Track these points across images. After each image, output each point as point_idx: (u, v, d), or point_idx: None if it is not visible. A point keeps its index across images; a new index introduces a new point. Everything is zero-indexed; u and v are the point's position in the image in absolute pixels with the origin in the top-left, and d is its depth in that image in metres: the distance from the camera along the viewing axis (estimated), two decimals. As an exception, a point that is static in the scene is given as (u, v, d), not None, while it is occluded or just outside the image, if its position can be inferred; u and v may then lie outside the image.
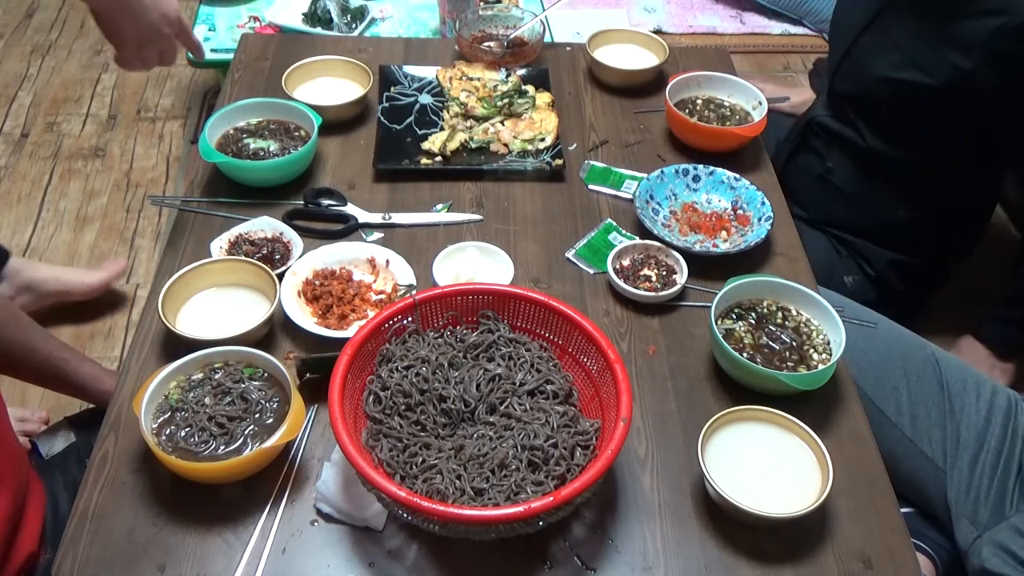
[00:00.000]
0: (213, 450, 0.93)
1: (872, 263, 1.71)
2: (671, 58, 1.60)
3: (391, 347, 0.99)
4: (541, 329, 1.02)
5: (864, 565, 0.92)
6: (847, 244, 1.72)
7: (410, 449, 0.92)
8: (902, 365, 1.31)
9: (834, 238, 1.74)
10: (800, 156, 1.77)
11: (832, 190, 1.70)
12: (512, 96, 1.48)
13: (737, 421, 0.99)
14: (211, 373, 1.00)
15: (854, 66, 1.61)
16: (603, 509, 0.96)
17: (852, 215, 1.70)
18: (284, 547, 0.91)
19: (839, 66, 1.65)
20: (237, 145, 1.33)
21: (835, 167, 1.69)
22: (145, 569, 0.88)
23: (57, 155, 2.41)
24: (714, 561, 0.92)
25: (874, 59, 1.56)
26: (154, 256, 2.14)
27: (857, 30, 1.59)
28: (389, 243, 1.25)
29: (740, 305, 1.14)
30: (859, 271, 1.72)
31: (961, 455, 1.27)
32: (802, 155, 1.77)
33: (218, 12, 2.26)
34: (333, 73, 1.51)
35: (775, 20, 3.02)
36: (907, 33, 1.51)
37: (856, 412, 1.07)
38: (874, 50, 1.57)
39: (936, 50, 1.46)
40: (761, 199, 1.29)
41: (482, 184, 1.36)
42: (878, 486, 1.00)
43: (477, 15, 1.65)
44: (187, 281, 1.12)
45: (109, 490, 0.94)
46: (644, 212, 1.28)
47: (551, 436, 0.91)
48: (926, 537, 1.33)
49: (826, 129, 1.69)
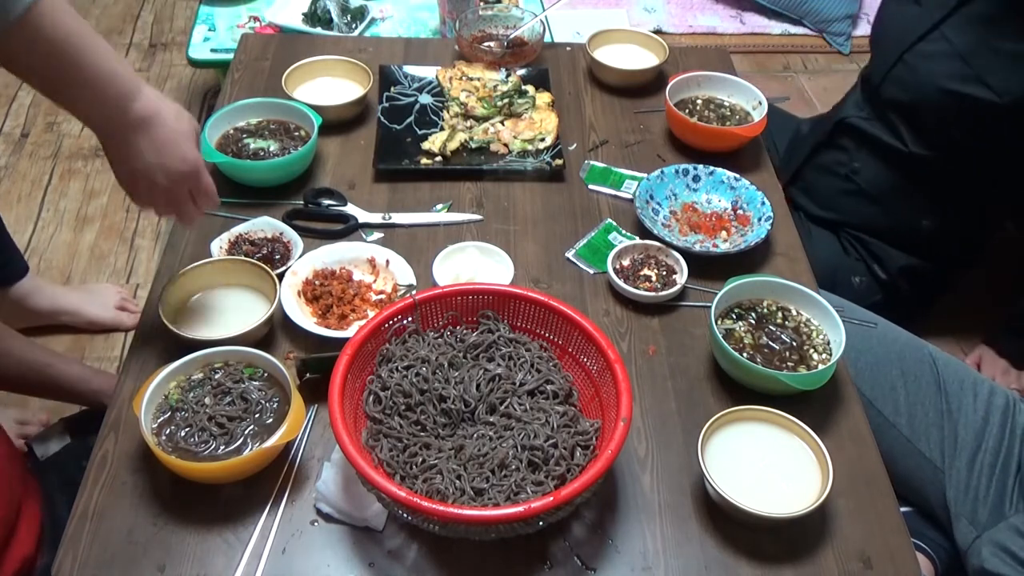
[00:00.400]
0: (213, 450, 0.93)
1: (885, 265, 1.70)
2: (671, 58, 1.60)
3: (391, 347, 0.99)
4: (541, 329, 1.02)
5: (864, 565, 0.92)
6: (861, 243, 1.71)
7: (410, 449, 0.92)
8: (899, 365, 1.31)
9: (845, 237, 1.73)
10: (825, 153, 1.75)
11: (854, 190, 1.69)
12: (512, 96, 1.48)
13: (737, 421, 0.99)
14: (211, 373, 1.00)
15: (908, 73, 1.56)
16: (603, 509, 0.96)
17: (872, 217, 1.69)
18: (284, 547, 0.91)
19: (888, 71, 1.60)
20: (237, 145, 1.33)
21: (862, 168, 1.67)
22: (145, 569, 0.88)
23: (57, 155, 2.41)
24: (714, 561, 0.92)
25: (933, 68, 1.52)
26: (154, 256, 2.13)
27: (914, 36, 1.55)
28: (389, 243, 1.25)
29: (740, 305, 1.14)
30: (867, 272, 1.71)
31: (959, 455, 1.27)
32: (827, 152, 1.74)
33: (218, 12, 2.26)
34: (333, 73, 1.51)
35: (775, 20, 3.02)
36: (975, 45, 1.46)
37: (856, 412, 1.07)
38: (934, 59, 1.52)
39: (1009, 68, 1.41)
40: (761, 199, 1.29)
41: (482, 184, 1.36)
42: (878, 486, 1.00)
43: (477, 15, 1.65)
44: (187, 281, 1.12)
45: (109, 490, 0.94)
46: (644, 212, 1.28)
47: (551, 436, 0.91)
48: (925, 537, 1.33)
49: (859, 130, 1.67)
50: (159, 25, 2.94)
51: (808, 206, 1.76)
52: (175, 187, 0.98)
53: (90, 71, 0.88)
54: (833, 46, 2.95)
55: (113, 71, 0.90)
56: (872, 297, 1.70)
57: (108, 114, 0.92)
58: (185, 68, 2.71)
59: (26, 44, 0.83)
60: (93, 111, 0.92)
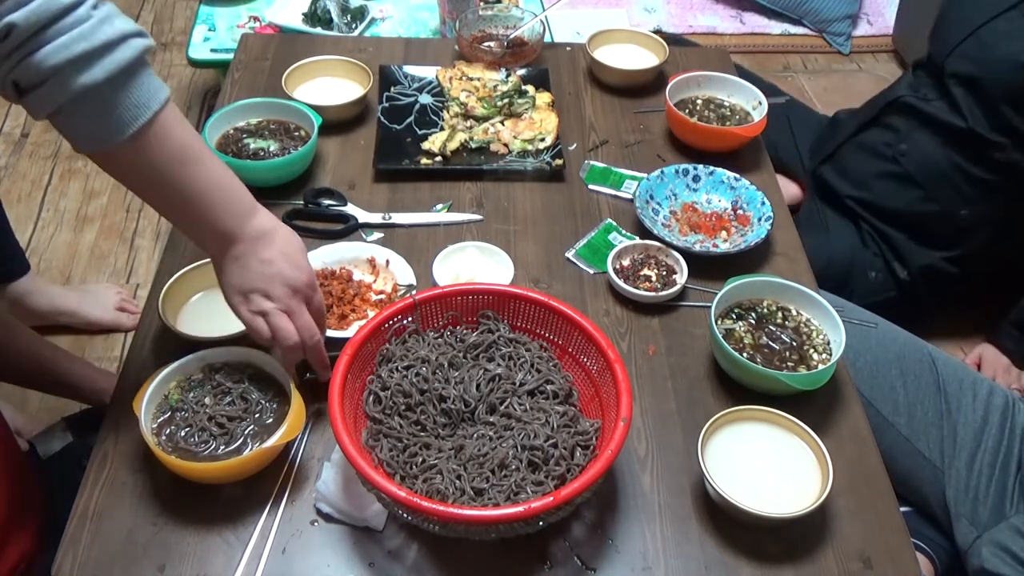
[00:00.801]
0: (213, 450, 0.93)
1: (907, 263, 1.70)
2: (671, 58, 1.60)
3: (391, 347, 0.99)
4: (541, 329, 1.02)
5: (864, 565, 0.92)
6: (884, 239, 1.71)
7: (410, 449, 0.92)
8: (898, 364, 1.31)
9: (867, 230, 1.73)
10: (870, 132, 1.75)
11: (897, 173, 1.69)
12: (512, 96, 1.48)
13: (737, 421, 0.99)
14: (211, 373, 1.00)
15: (981, 48, 1.59)
16: (603, 509, 0.96)
17: (910, 202, 1.68)
18: (284, 547, 0.91)
19: (957, 46, 1.62)
20: (237, 145, 1.33)
21: (910, 149, 1.67)
22: (145, 569, 0.88)
23: (57, 155, 2.41)
24: (714, 561, 0.92)
25: (1010, 44, 1.54)
26: (154, 256, 2.13)
27: (991, 12, 1.58)
28: (389, 243, 1.25)
29: (740, 305, 1.14)
30: (885, 268, 1.71)
31: (958, 454, 1.27)
32: (873, 131, 1.74)
33: (218, 12, 2.26)
34: (333, 73, 1.51)
35: (775, 20, 3.02)
36: None
37: (856, 412, 1.07)
38: (1010, 37, 1.55)
39: None
40: (761, 199, 1.29)
41: (482, 184, 1.36)
42: (878, 486, 1.00)
43: (477, 15, 1.65)
44: (187, 281, 1.12)
45: (109, 490, 0.94)
46: (644, 212, 1.28)
47: (551, 436, 0.91)
48: (925, 537, 1.33)
49: (913, 109, 1.67)
50: (159, 25, 2.94)
51: (840, 186, 1.76)
52: (291, 299, 0.93)
53: (203, 186, 0.87)
54: (833, 46, 2.95)
55: (233, 184, 0.91)
56: (885, 293, 1.70)
57: (228, 227, 0.90)
58: (185, 68, 2.71)
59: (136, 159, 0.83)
60: (206, 228, 0.90)
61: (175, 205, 0.89)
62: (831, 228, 1.73)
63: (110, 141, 0.80)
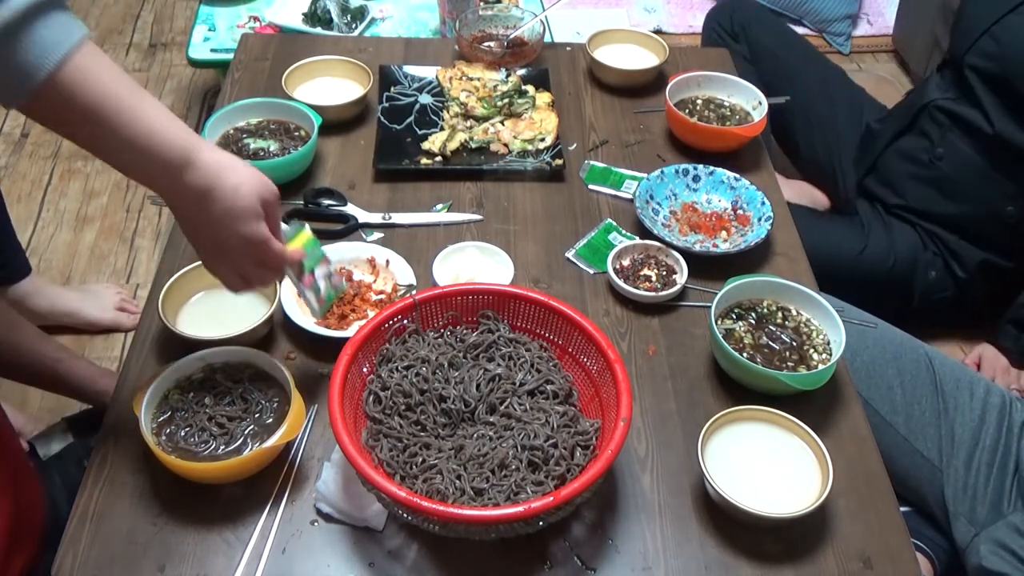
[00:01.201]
0: (213, 450, 0.93)
1: (963, 262, 1.70)
2: (671, 58, 1.60)
3: (391, 347, 0.99)
4: (541, 329, 1.02)
5: (864, 565, 0.92)
6: (939, 239, 1.72)
7: (410, 449, 0.92)
8: (895, 364, 1.32)
9: (922, 231, 1.73)
10: (906, 139, 1.75)
11: (935, 177, 1.69)
12: (512, 96, 1.48)
13: (737, 421, 0.99)
14: (211, 373, 1.00)
15: (996, 45, 1.59)
16: (603, 509, 0.96)
17: (954, 206, 1.69)
18: (284, 547, 0.91)
19: (974, 43, 1.62)
20: (237, 145, 1.33)
21: (947, 153, 1.67)
22: (145, 569, 0.88)
23: (57, 155, 2.41)
24: (714, 561, 0.92)
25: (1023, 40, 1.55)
26: (154, 256, 2.13)
27: (1004, 9, 1.58)
28: (389, 243, 1.25)
29: (740, 305, 1.14)
30: (944, 268, 1.72)
31: (956, 453, 1.27)
32: (909, 138, 1.75)
33: (218, 12, 2.26)
34: (333, 73, 1.51)
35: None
36: None
37: (856, 412, 1.07)
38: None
39: None
40: (761, 199, 1.29)
41: (482, 184, 1.37)
42: (878, 486, 1.00)
43: (477, 15, 1.65)
44: (187, 281, 1.12)
45: (109, 490, 0.94)
46: (644, 212, 1.28)
47: (551, 436, 0.91)
48: (924, 536, 1.33)
49: (946, 112, 1.67)
50: (159, 25, 2.94)
51: (886, 196, 1.77)
52: (239, 262, 0.92)
53: (128, 137, 0.81)
54: (833, 46, 2.95)
55: (155, 140, 0.82)
56: (942, 292, 1.71)
57: (157, 184, 0.86)
58: (185, 68, 2.71)
59: (55, 109, 0.79)
60: (142, 178, 0.87)
61: (103, 155, 0.84)
62: (894, 228, 1.75)
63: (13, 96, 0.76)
